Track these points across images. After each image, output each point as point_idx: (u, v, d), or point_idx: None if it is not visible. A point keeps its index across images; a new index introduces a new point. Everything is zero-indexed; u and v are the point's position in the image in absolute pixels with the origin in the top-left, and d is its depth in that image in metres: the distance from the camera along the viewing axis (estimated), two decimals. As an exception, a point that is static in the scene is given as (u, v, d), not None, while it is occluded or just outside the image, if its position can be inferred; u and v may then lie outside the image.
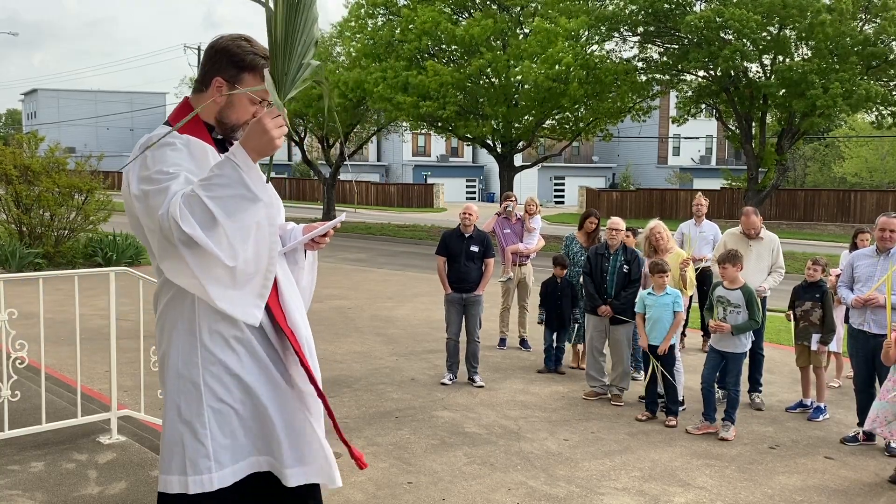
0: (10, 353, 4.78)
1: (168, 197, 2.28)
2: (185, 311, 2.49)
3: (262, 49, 2.55)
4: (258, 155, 2.32)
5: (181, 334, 2.50)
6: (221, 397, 2.49)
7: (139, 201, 2.38)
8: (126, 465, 4.81)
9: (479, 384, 7.37)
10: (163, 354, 2.57)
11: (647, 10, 22.61)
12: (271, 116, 2.31)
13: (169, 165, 2.37)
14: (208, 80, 2.56)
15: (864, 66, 21.09)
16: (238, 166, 2.27)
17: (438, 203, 48.85)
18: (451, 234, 7.70)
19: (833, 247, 25.16)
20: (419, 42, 25.13)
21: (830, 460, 5.70)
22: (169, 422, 2.52)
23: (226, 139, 2.64)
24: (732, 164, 53.05)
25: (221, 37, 2.61)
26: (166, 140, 2.44)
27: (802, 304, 6.81)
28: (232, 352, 2.50)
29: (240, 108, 2.57)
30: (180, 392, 2.50)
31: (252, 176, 2.30)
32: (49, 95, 72.67)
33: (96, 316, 9.55)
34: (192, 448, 2.47)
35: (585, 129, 27.17)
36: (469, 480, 4.99)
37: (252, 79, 2.55)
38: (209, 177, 2.28)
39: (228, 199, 2.26)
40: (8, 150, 14.74)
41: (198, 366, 2.48)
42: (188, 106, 2.61)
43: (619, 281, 7.07)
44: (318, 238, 2.74)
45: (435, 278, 15.31)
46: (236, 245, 2.32)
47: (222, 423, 2.49)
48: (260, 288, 2.47)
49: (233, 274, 2.38)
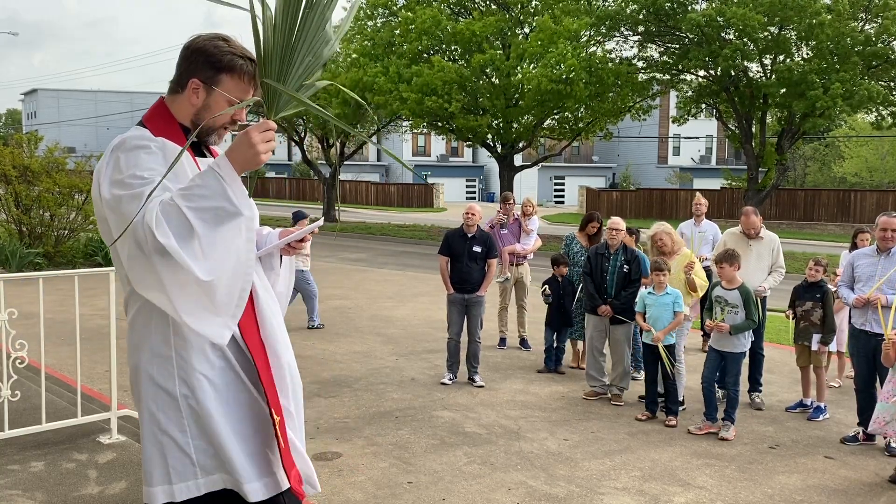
0: (10, 353, 4.78)
1: (142, 203, 2.16)
2: (157, 319, 2.37)
3: (241, 49, 2.46)
4: (242, 168, 2.22)
5: (154, 344, 2.39)
6: (202, 402, 2.38)
7: (110, 207, 2.26)
8: (126, 465, 4.80)
9: (479, 384, 7.37)
10: (134, 366, 2.44)
11: (649, 9, 22.61)
12: (260, 130, 2.21)
13: (143, 170, 2.25)
14: (184, 81, 2.45)
15: (864, 66, 21.10)
16: (222, 178, 2.17)
17: (438, 203, 48.85)
18: (454, 233, 7.66)
19: (833, 247, 25.16)
20: (420, 42, 25.13)
21: (830, 460, 5.70)
22: (149, 434, 2.42)
23: (201, 142, 2.55)
24: (732, 163, 53.05)
25: (199, 36, 2.50)
26: (140, 143, 2.34)
27: (803, 304, 6.81)
28: (205, 360, 2.39)
29: (217, 110, 2.45)
30: (157, 403, 2.40)
31: (235, 189, 2.19)
32: (49, 95, 72.69)
33: (96, 316, 9.55)
34: (174, 457, 2.39)
35: (585, 129, 27.17)
36: (469, 480, 4.99)
37: (230, 80, 2.44)
38: (190, 186, 2.17)
39: (208, 210, 2.15)
40: (7, 150, 14.74)
41: (174, 375, 2.38)
42: (163, 106, 2.51)
43: (619, 281, 7.07)
44: (295, 243, 2.65)
45: (435, 278, 15.31)
46: (212, 259, 2.18)
47: (203, 431, 2.40)
48: (233, 308, 2.29)
49: (205, 290, 2.21)
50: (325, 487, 4.75)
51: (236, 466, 2.39)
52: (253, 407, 2.47)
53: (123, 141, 2.35)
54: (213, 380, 2.40)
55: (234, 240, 2.25)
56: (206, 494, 2.43)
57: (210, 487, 2.41)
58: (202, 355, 2.38)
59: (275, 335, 2.51)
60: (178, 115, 2.48)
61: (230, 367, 2.43)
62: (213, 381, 2.40)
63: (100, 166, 2.35)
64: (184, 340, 2.36)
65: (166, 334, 2.37)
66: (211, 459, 2.41)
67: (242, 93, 2.46)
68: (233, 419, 2.43)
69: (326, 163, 34.45)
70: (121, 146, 2.33)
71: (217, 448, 2.40)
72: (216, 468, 2.42)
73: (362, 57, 27.10)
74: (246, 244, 2.29)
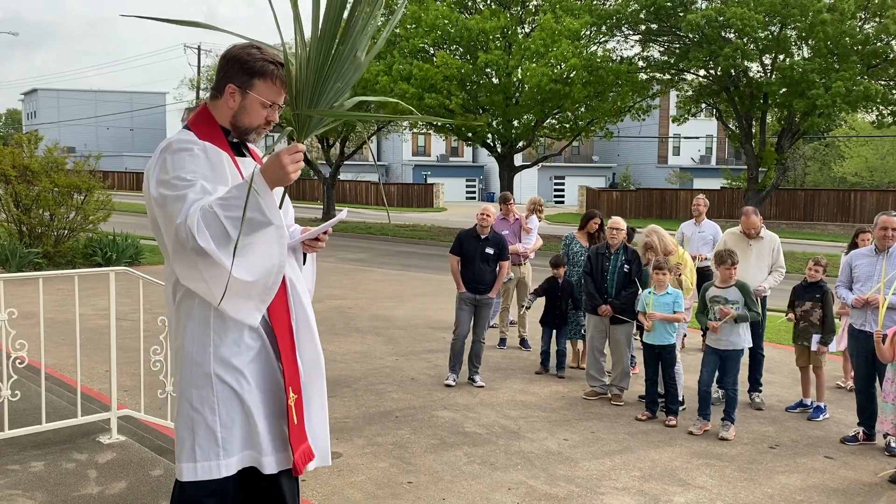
0: (10, 353, 4.78)
1: (186, 205, 2.45)
2: (199, 305, 2.62)
3: (273, 55, 2.72)
4: (274, 185, 2.50)
5: (196, 325, 2.63)
6: (231, 386, 2.62)
7: (157, 204, 2.54)
8: (126, 465, 4.80)
9: (480, 384, 7.36)
10: (178, 347, 2.69)
11: (649, 8, 22.61)
12: (289, 153, 2.49)
13: (187, 172, 2.53)
14: (222, 86, 2.72)
15: (864, 65, 21.10)
16: (256, 192, 2.44)
17: (438, 203, 48.84)
18: (467, 234, 7.58)
19: (833, 246, 25.16)
20: (426, 37, 25.07)
21: (830, 460, 5.70)
22: (182, 410, 2.65)
23: (241, 142, 2.81)
24: (732, 163, 53.05)
25: (234, 45, 2.76)
26: (185, 146, 2.59)
27: (802, 304, 6.80)
28: (243, 343, 2.64)
29: (252, 112, 2.72)
30: (192, 381, 2.63)
31: (267, 201, 2.48)
32: (49, 95, 72.67)
33: (96, 316, 9.55)
34: (202, 435, 2.61)
35: (585, 129, 27.16)
36: (469, 480, 4.99)
37: (263, 84, 2.69)
38: (228, 197, 2.46)
39: (238, 212, 2.42)
40: (7, 149, 14.73)
41: (210, 355, 2.61)
42: (206, 110, 2.77)
43: (619, 280, 7.07)
44: (311, 241, 2.88)
45: (435, 278, 15.31)
46: (246, 260, 2.51)
47: (231, 412, 2.62)
48: (262, 295, 2.62)
49: (239, 283, 2.53)
50: (324, 487, 4.75)
51: (260, 441, 2.65)
52: (278, 386, 2.71)
53: (170, 144, 2.62)
54: (247, 361, 2.65)
55: (268, 246, 2.58)
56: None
57: (229, 471, 2.64)
58: (240, 338, 2.64)
59: (307, 320, 2.79)
60: (218, 118, 2.75)
61: (264, 349, 2.69)
62: (247, 362, 2.65)
63: (149, 167, 2.62)
64: (223, 324, 2.62)
65: (207, 318, 2.62)
66: (235, 440, 2.64)
67: (275, 95, 2.72)
68: (262, 398, 2.68)
69: (326, 163, 34.42)
70: (167, 148, 2.60)
71: (243, 424, 2.64)
72: (238, 448, 2.65)
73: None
74: (278, 249, 2.60)
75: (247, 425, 2.65)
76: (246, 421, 2.65)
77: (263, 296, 2.62)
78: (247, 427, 2.65)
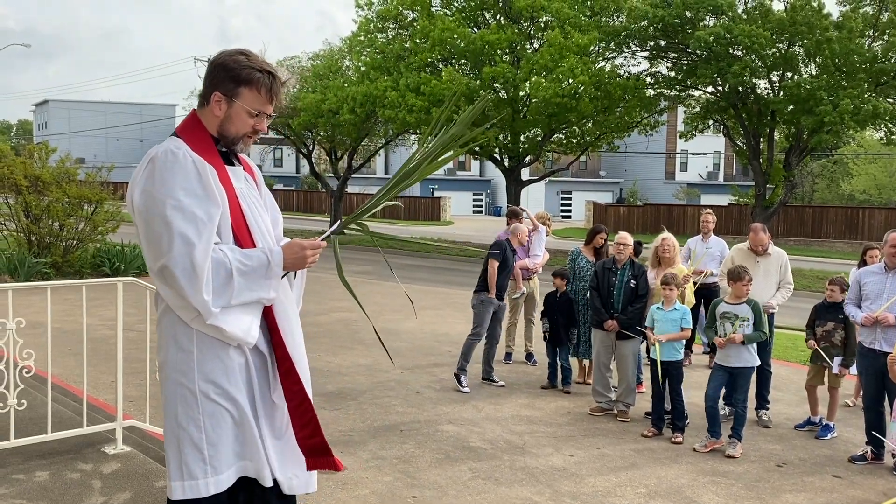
0: (17, 363, 4.80)
1: (173, 237, 2.43)
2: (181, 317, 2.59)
3: (261, 63, 2.64)
4: (290, 267, 2.67)
5: (178, 340, 2.59)
6: (217, 402, 2.57)
7: (138, 212, 2.51)
8: (131, 476, 4.80)
9: (500, 384, 7.90)
10: (162, 361, 2.66)
11: (658, 24, 22.69)
12: (312, 246, 2.67)
13: (177, 190, 2.47)
14: (208, 94, 2.64)
15: (872, 82, 21.10)
16: (271, 269, 2.57)
17: (445, 217, 48.91)
18: (509, 244, 8.15)
19: (841, 264, 25.04)
20: (433, 52, 25.20)
21: (838, 479, 5.65)
22: (168, 428, 2.61)
23: (229, 151, 2.74)
24: (740, 180, 52.96)
25: (222, 52, 2.69)
26: (171, 157, 2.53)
27: (824, 325, 6.63)
28: (226, 357, 2.59)
29: (238, 121, 2.65)
30: (177, 398, 2.58)
31: (275, 284, 2.61)
32: (59, 106, 73.18)
33: (103, 326, 9.57)
34: (188, 453, 2.56)
35: (592, 143, 27.18)
36: (473, 495, 4.97)
37: (249, 92, 2.62)
38: (247, 265, 2.54)
39: (248, 289, 2.55)
40: (19, 160, 14.85)
41: (193, 371, 2.56)
42: (195, 118, 2.70)
43: (626, 296, 7.05)
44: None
45: (442, 291, 15.33)
46: (228, 314, 2.55)
47: (217, 428, 2.57)
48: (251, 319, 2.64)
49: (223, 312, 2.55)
50: (328, 501, 4.74)
51: (258, 452, 2.63)
52: (268, 399, 2.69)
53: (158, 153, 2.55)
54: (232, 376, 2.60)
55: (255, 306, 2.64)
56: None
57: (219, 487, 2.59)
58: (224, 354, 2.58)
59: (291, 333, 2.75)
60: (207, 125, 2.68)
61: (248, 364, 2.64)
62: (232, 377, 2.60)
63: (135, 174, 2.56)
64: (206, 339, 2.56)
65: (189, 332, 2.57)
66: (223, 456, 2.59)
67: (261, 104, 2.65)
68: (251, 411, 2.64)
69: (334, 175, 34.51)
70: (156, 158, 2.54)
71: (234, 439, 2.61)
72: (230, 462, 2.61)
73: (373, 70, 27.21)
74: (257, 311, 2.65)
75: (239, 439, 2.61)
76: (237, 435, 2.61)
77: (249, 320, 2.63)
78: (239, 441, 2.61)
